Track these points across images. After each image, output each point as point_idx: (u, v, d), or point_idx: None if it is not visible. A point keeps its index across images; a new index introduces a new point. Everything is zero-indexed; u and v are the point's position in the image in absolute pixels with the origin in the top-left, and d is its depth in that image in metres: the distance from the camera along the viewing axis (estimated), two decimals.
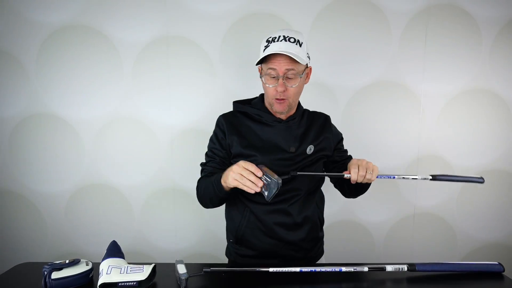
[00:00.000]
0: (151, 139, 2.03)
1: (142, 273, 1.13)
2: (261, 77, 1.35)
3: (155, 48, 1.94)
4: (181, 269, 1.16)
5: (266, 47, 1.31)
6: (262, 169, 1.19)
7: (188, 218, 2.11)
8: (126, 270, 1.13)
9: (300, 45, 1.30)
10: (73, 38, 1.93)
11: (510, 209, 2.18)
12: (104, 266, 1.14)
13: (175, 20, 1.92)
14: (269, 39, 1.32)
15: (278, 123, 1.39)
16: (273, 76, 1.30)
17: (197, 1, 1.91)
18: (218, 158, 1.41)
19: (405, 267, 1.22)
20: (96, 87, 1.97)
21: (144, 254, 2.13)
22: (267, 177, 1.17)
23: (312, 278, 1.22)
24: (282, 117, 1.40)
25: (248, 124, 1.41)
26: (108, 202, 2.08)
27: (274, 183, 1.14)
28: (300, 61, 1.27)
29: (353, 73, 2.01)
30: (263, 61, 1.31)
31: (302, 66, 1.31)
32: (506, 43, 2.01)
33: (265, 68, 1.32)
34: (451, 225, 2.18)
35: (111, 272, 1.11)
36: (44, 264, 1.14)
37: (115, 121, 2.00)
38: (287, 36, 1.30)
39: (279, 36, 1.30)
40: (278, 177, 1.15)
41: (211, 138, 1.46)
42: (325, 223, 1.52)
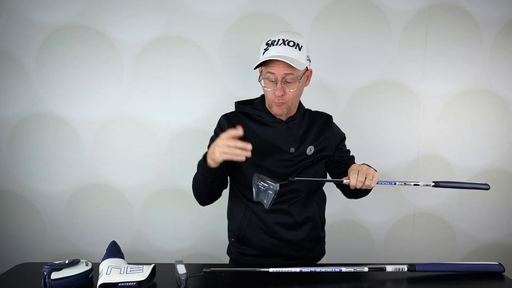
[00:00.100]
0: (151, 139, 2.02)
1: (141, 273, 1.13)
2: (259, 80, 1.35)
3: (155, 48, 1.94)
4: (181, 269, 1.15)
5: (266, 50, 1.31)
6: (258, 177, 1.19)
7: (188, 218, 2.11)
8: (126, 270, 1.13)
9: (299, 49, 1.29)
10: (73, 38, 1.92)
11: (510, 209, 2.18)
12: (103, 266, 1.14)
13: (175, 20, 1.92)
14: (269, 42, 1.32)
15: (278, 124, 1.39)
16: (271, 80, 1.30)
17: (197, 1, 1.91)
18: None
19: (405, 267, 1.22)
20: (96, 87, 1.97)
21: (143, 254, 2.13)
22: (264, 183, 1.17)
23: (312, 278, 1.22)
24: (282, 118, 1.39)
25: (249, 125, 1.41)
26: (108, 202, 2.08)
27: (271, 188, 1.14)
28: (298, 66, 1.26)
29: (353, 73, 2.01)
30: (262, 63, 1.31)
31: (301, 70, 1.30)
32: (506, 43, 2.01)
33: (264, 71, 1.32)
34: (451, 225, 2.18)
35: (110, 272, 1.11)
36: (44, 264, 1.14)
37: (115, 121, 2.00)
38: (286, 40, 1.29)
39: (278, 40, 1.30)
40: (275, 182, 1.14)
41: (212, 137, 1.46)
42: (325, 223, 1.52)
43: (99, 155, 2.04)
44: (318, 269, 1.20)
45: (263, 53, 1.32)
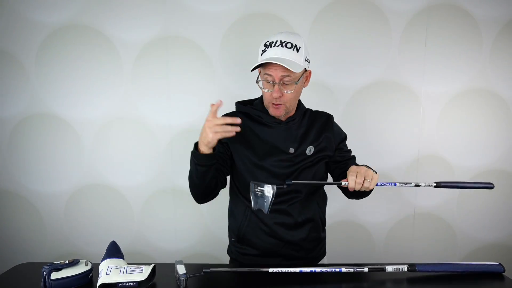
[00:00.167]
0: (150, 139, 2.02)
1: (141, 274, 1.13)
2: (257, 81, 1.34)
3: (155, 48, 1.94)
4: (181, 269, 1.15)
5: (263, 51, 1.31)
6: (254, 184, 1.19)
7: (188, 218, 2.11)
8: (126, 270, 1.13)
9: (297, 50, 1.29)
10: (73, 38, 1.92)
11: (510, 209, 2.18)
12: (103, 266, 1.14)
13: (175, 20, 1.92)
14: (267, 43, 1.32)
15: (278, 124, 1.39)
16: (269, 81, 1.30)
17: (197, 1, 1.91)
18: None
19: (405, 268, 1.22)
20: (96, 87, 1.97)
21: (143, 254, 2.12)
22: (260, 187, 1.17)
23: (312, 279, 1.21)
24: (281, 118, 1.39)
25: (249, 125, 1.41)
26: (107, 202, 2.08)
27: (268, 191, 1.14)
28: (295, 69, 1.25)
29: (353, 74, 2.01)
30: (260, 65, 1.31)
31: (298, 72, 1.29)
32: (506, 43, 2.01)
33: (262, 72, 1.32)
34: (451, 225, 2.18)
35: (110, 272, 1.11)
36: (44, 265, 1.14)
37: (115, 121, 2.00)
38: (284, 41, 1.29)
39: (276, 41, 1.30)
40: (271, 185, 1.14)
41: None
42: (326, 224, 1.52)
43: (99, 155, 2.03)
44: (318, 269, 1.20)
45: (261, 54, 1.32)
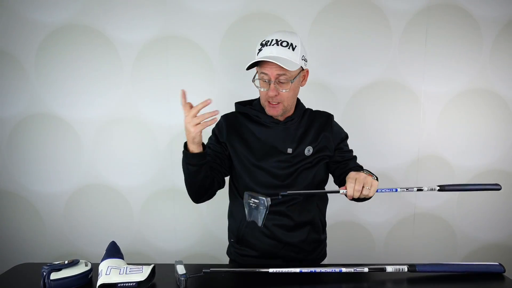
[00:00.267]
0: (150, 139, 2.02)
1: (141, 274, 1.12)
2: (253, 80, 1.34)
3: (154, 48, 1.93)
4: (181, 269, 1.15)
5: (260, 50, 1.31)
6: (249, 195, 1.18)
7: (188, 219, 2.11)
8: (125, 270, 1.13)
9: (293, 49, 1.28)
10: (73, 38, 1.92)
11: (510, 209, 2.18)
12: (103, 266, 1.13)
13: (174, 20, 1.92)
14: (263, 42, 1.31)
15: (276, 124, 1.38)
16: (265, 80, 1.30)
17: (197, 1, 1.91)
18: (212, 152, 1.40)
19: (406, 268, 1.22)
20: (96, 87, 1.97)
21: (143, 254, 2.12)
22: (255, 199, 1.15)
23: (312, 279, 1.21)
24: (279, 118, 1.38)
25: (247, 125, 1.40)
26: (107, 202, 2.08)
27: (262, 204, 1.13)
28: (290, 67, 1.24)
29: (353, 73, 2.00)
30: (256, 64, 1.31)
31: (295, 71, 1.29)
32: (506, 43, 2.01)
33: (258, 71, 1.32)
34: (451, 226, 2.18)
35: (110, 272, 1.11)
36: (43, 265, 1.14)
37: (115, 121, 2.00)
38: (280, 40, 1.28)
39: (271, 40, 1.29)
40: (266, 196, 1.13)
41: (210, 137, 1.46)
42: (326, 225, 1.52)
43: (99, 155, 2.03)
44: (318, 270, 1.19)
45: (257, 53, 1.32)
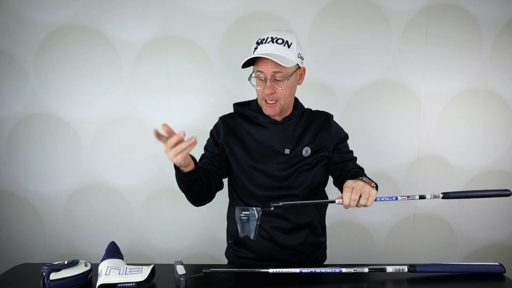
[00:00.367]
0: (150, 139, 1.98)
1: (141, 274, 1.12)
2: (249, 78, 1.33)
3: (154, 48, 1.93)
4: (180, 270, 1.15)
5: (255, 49, 1.31)
6: (240, 209, 1.17)
7: (187, 219, 2.11)
8: (125, 271, 1.13)
9: (288, 46, 1.28)
10: (72, 38, 1.92)
11: (510, 209, 2.17)
12: (103, 267, 1.13)
13: (174, 20, 1.92)
14: (259, 41, 1.31)
15: (273, 124, 1.38)
16: (261, 78, 1.29)
17: (197, 1, 1.91)
18: (210, 154, 1.40)
19: (406, 268, 1.22)
20: (96, 87, 1.96)
21: (143, 255, 2.12)
22: (245, 211, 1.15)
23: (312, 279, 1.21)
24: (276, 118, 1.37)
25: (245, 126, 1.40)
26: (107, 202, 2.07)
27: (253, 215, 1.13)
28: (285, 63, 1.24)
29: (353, 74, 2.00)
30: (252, 63, 1.30)
31: (290, 68, 1.28)
32: (506, 43, 2.01)
33: (254, 69, 1.31)
34: (451, 226, 2.18)
35: (110, 273, 1.11)
36: (43, 265, 1.13)
37: (114, 121, 2.00)
38: (275, 38, 1.28)
39: (267, 38, 1.29)
40: (256, 208, 1.13)
41: (208, 139, 1.46)
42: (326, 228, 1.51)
43: (99, 155, 2.03)
44: (318, 270, 1.19)
45: (253, 52, 1.31)
